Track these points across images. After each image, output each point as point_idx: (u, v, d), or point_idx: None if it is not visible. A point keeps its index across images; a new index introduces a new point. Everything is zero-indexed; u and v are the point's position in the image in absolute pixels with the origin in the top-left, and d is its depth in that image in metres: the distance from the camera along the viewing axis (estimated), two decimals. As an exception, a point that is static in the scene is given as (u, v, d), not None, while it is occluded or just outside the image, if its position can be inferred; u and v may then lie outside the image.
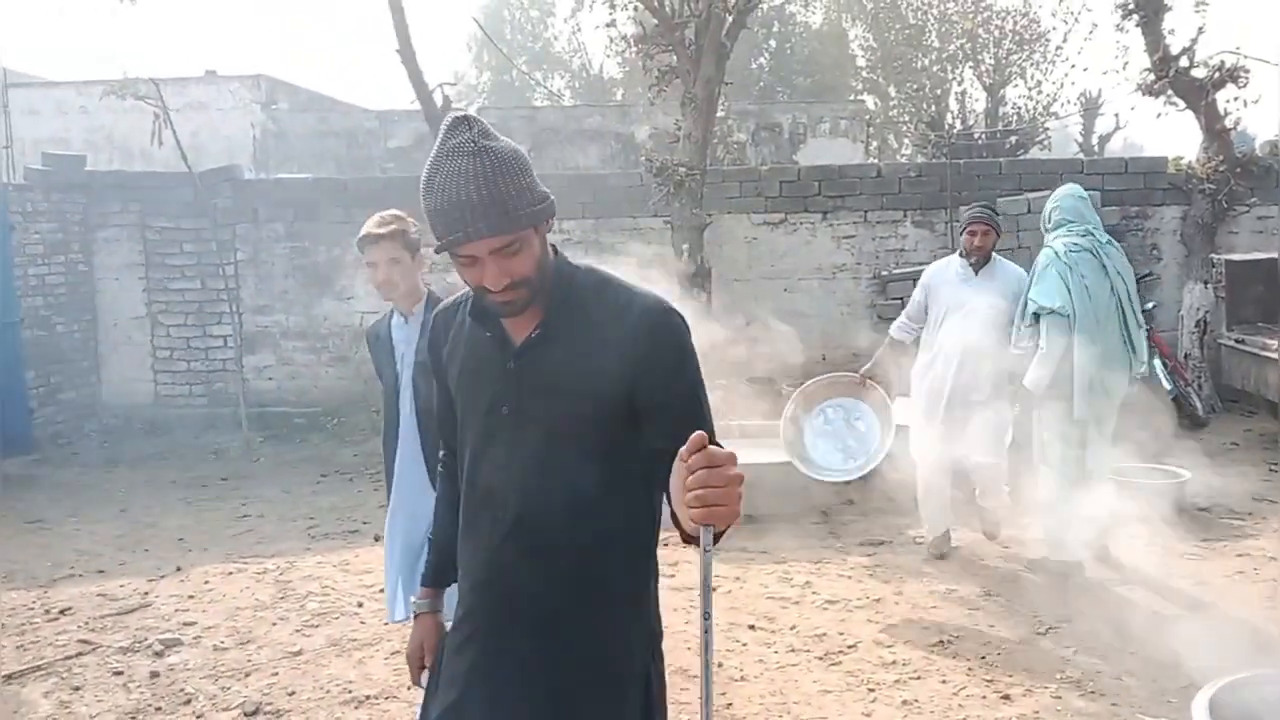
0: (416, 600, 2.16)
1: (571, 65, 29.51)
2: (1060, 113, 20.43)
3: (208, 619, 5.03)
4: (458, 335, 1.94)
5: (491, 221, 1.66)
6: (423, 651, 2.12)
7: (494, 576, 1.87)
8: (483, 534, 1.88)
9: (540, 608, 1.83)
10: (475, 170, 1.66)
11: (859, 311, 9.94)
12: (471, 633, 1.91)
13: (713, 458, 1.50)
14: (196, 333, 10.47)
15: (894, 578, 5.36)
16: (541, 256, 1.77)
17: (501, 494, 1.84)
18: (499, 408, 1.83)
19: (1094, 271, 4.97)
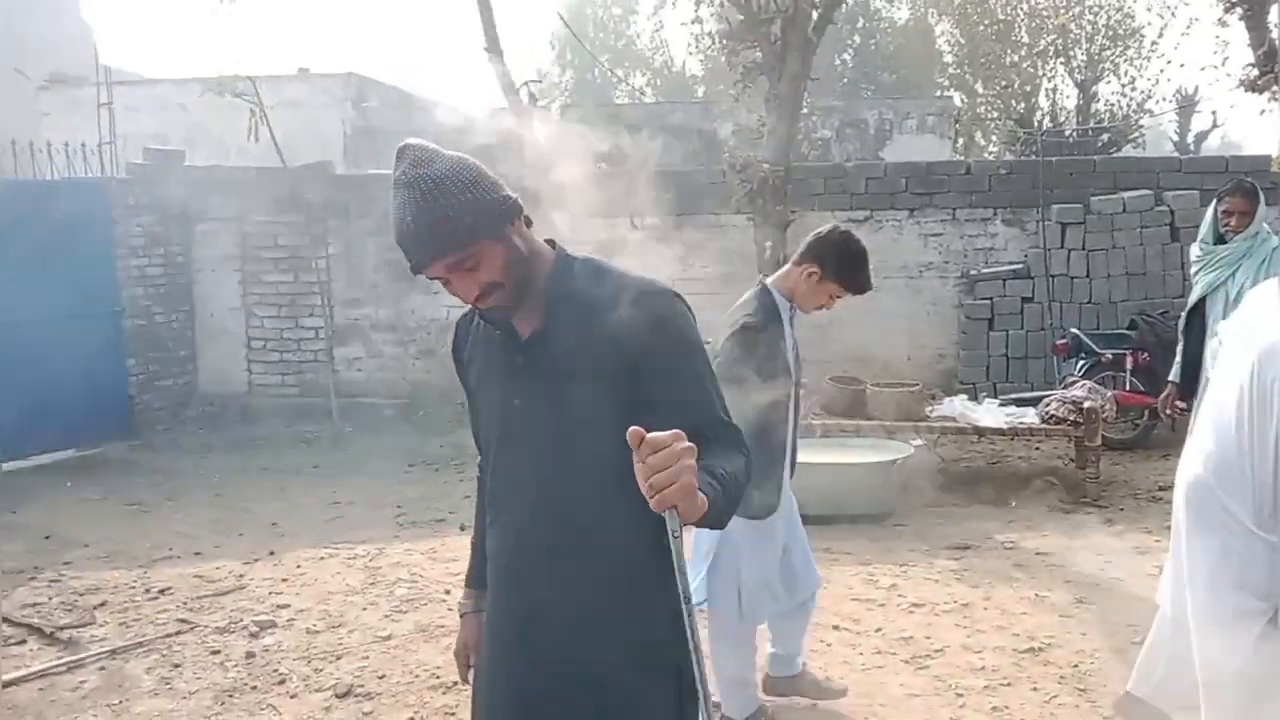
0: (460, 600, 2.23)
1: (653, 63, 29.55)
2: (1155, 110, 19.86)
3: (300, 602, 5.16)
4: (475, 338, 2.00)
5: (434, 246, 1.72)
6: (468, 650, 2.17)
7: (518, 567, 1.92)
8: (505, 527, 1.94)
9: (564, 595, 1.87)
10: (409, 200, 1.72)
11: (946, 311, 9.78)
12: (499, 624, 1.97)
13: (653, 443, 1.50)
14: (289, 324, 10.73)
15: (982, 582, 5.26)
16: (510, 259, 1.79)
17: (520, 486, 1.89)
18: (511, 402, 1.88)
19: None
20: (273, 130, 9.91)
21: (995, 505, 6.64)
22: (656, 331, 1.81)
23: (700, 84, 26.74)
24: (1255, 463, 2.03)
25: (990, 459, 8.01)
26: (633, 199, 11.03)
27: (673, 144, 15.61)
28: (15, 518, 6.97)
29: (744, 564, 3.58)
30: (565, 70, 29.06)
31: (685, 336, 1.85)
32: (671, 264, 9.48)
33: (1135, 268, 9.38)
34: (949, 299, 9.82)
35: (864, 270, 3.53)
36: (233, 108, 10.97)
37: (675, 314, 1.84)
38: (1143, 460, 7.79)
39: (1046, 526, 6.17)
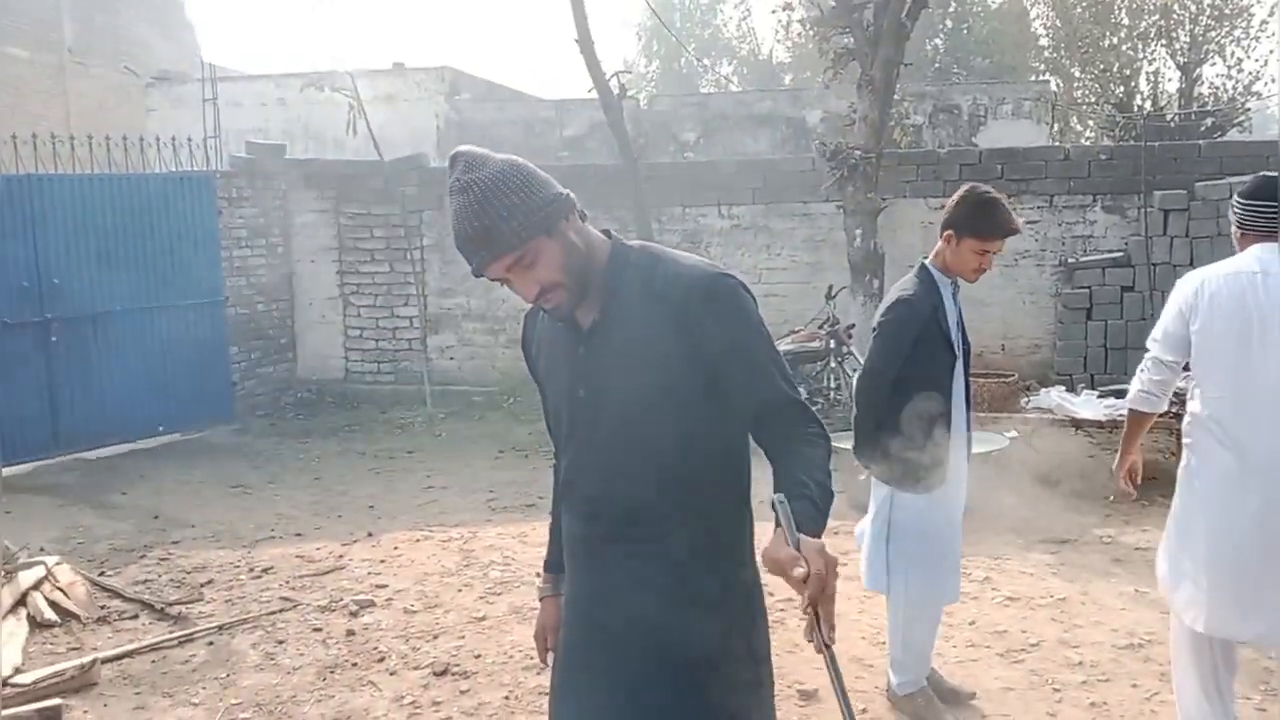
0: (539, 585, 2.27)
1: (740, 51, 29.37)
2: (1263, 92, 19.04)
3: (398, 583, 5.30)
4: (541, 332, 2.06)
5: (489, 248, 1.77)
6: (546, 631, 2.22)
7: (588, 552, 1.97)
8: (576, 512, 1.99)
9: (630, 577, 1.90)
10: (463, 205, 1.78)
11: (1042, 300, 9.56)
12: (576, 606, 2.02)
13: (808, 583, 1.50)
14: (385, 313, 10.99)
15: (1079, 577, 5.16)
16: (568, 255, 1.83)
17: (589, 474, 1.94)
18: (576, 391, 1.92)
19: None
20: (369, 124, 10.15)
21: (1092, 499, 6.48)
22: (717, 315, 1.83)
23: (787, 71, 26.50)
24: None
25: (1088, 452, 7.80)
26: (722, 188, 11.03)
27: (760, 132, 15.52)
28: (125, 498, 7.28)
29: (927, 540, 3.60)
30: (652, 61, 29.06)
31: (746, 318, 1.86)
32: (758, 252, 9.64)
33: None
34: (1045, 288, 9.60)
35: (993, 215, 3.47)
36: (330, 102, 11.27)
37: (734, 297, 1.85)
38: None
39: (1146, 521, 6.00)
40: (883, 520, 3.66)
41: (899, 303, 3.55)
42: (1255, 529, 3.06)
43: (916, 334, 3.48)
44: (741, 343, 1.85)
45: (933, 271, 3.59)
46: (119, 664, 4.39)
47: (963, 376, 3.65)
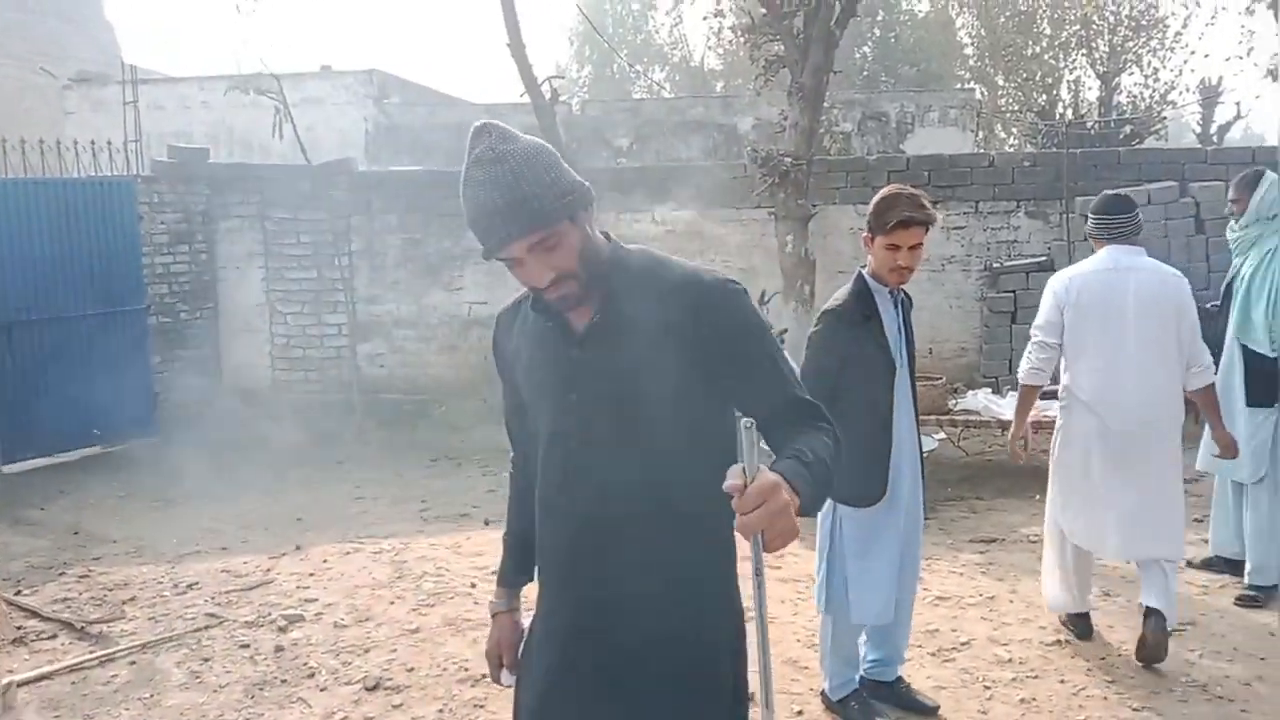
0: (493, 600, 2.18)
1: (672, 58, 29.51)
2: (1178, 101, 19.66)
3: (328, 596, 5.20)
4: (521, 331, 1.97)
5: (518, 223, 1.70)
6: (500, 650, 2.14)
7: (575, 562, 1.88)
8: (561, 523, 1.89)
9: (622, 591, 1.84)
10: (496, 176, 1.70)
11: (968, 305, 9.74)
12: (557, 623, 1.93)
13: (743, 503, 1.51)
14: (312, 321, 10.79)
15: (1008, 575, 5.25)
16: (584, 246, 1.78)
17: (578, 481, 1.85)
18: (567, 397, 1.85)
19: None
20: (296, 127, 9.97)
21: (1019, 498, 6.61)
22: (723, 321, 1.80)
23: (719, 79, 26.68)
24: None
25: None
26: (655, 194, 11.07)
27: (692, 138, 15.60)
28: (43, 514, 7.06)
29: (869, 555, 3.59)
30: (584, 66, 29.07)
31: (752, 322, 1.85)
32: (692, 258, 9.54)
33: (1160, 259, 9.29)
34: (971, 292, 9.78)
35: (890, 208, 3.48)
36: (256, 105, 11.06)
37: (739, 301, 1.84)
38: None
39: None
40: (824, 534, 3.67)
41: (825, 314, 3.57)
42: (1111, 470, 4.08)
43: (847, 345, 3.48)
44: (752, 348, 1.83)
45: (868, 280, 3.59)
46: (36, 687, 4.24)
47: (907, 385, 3.65)
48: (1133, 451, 4.07)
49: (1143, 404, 4.06)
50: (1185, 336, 4.07)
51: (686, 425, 1.81)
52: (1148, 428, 4.07)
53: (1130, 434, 4.06)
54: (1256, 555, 4.76)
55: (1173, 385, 4.11)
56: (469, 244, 10.60)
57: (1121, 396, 4.06)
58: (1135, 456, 4.07)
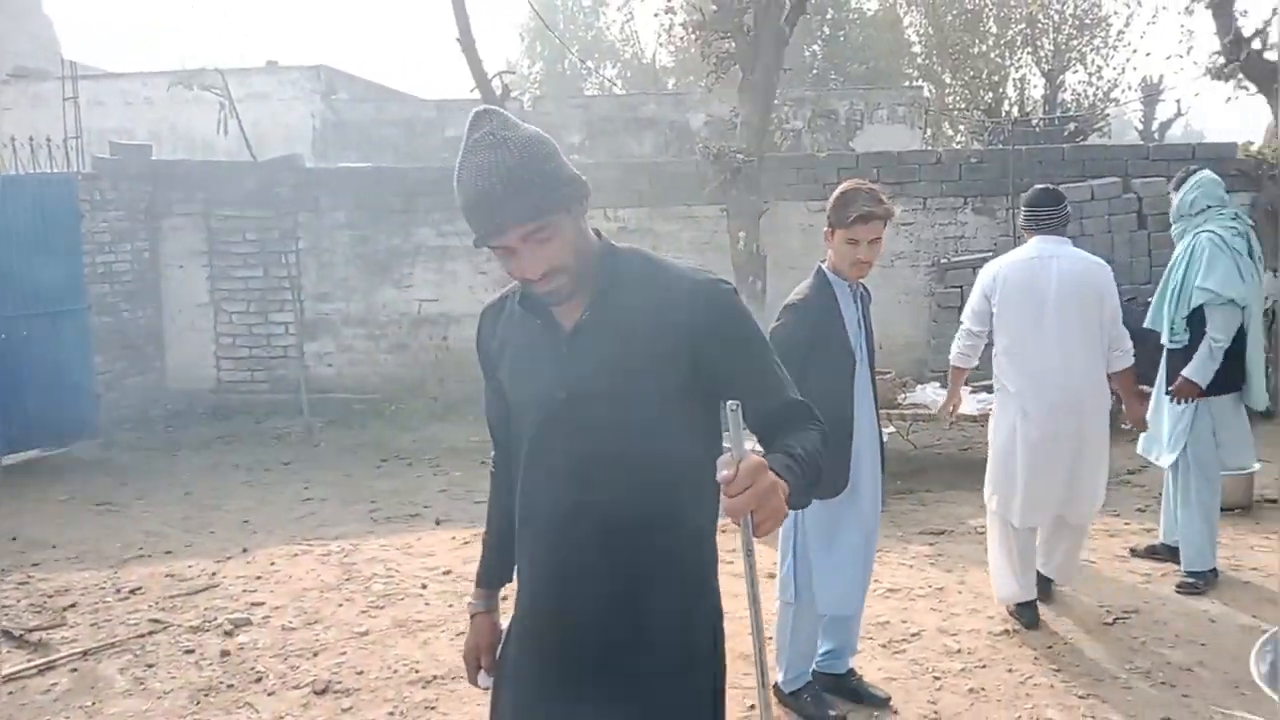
0: (471, 600, 2.15)
1: (623, 55, 29.48)
2: (1121, 99, 20.02)
3: (275, 599, 5.12)
4: (507, 327, 1.93)
5: (516, 211, 1.66)
6: (479, 652, 2.10)
7: (558, 563, 1.85)
8: (544, 522, 1.86)
9: (607, 591, 1.81)
10: (496, 162, 1.66)
11: (917, 300, 9.84)
12: (538, 622, 1.90)
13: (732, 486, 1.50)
14: (259, 320, 10.65)
15: (956, 567, 5.31)
16: (578, 240, 1.76)
17: (562, 479, 1.82)
18: (555, 394, 1.81)
19: (1248, 258, 4.72)
20: (241, 124, 9.82)
21: (968, 491, 6.68)
22: (718, 323, 1.79)
23: (671, 75, 26.70)
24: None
25: (962, 445, 8.07)
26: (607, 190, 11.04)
27: (644, 135, 15.60)
28: (-19, 519, 6.87)
29: (832, 548, 3.62)
30: (535, 62, 28.95)
31: (744, 324, 1.83)
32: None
33: (1104, 254, 9.37)
34: (920, 288, 9.89)
35: (849, 203, 3.53)
36: (200, 101, 10.87)
37: (733, 304, 1.82)
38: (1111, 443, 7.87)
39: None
40: (787, 526, 3.68)
41: (786, 308, 3.59)
42: (1040, 449, 4.34)
43: (808, 338, 3.50)
44: (747, 350, 1.82)
45: (828, 274, 3.64)
46: (-29, 696, 4.13)
47: (867, 378, 3.69)
48: (1059, 430, 4.33)
49: (1066, 385, 4.31)
50: (1107, 321, 4.35)
51: (674, 426, 1.79)
52: (1072, 408, 4.33)
53: (1056, 414, 4.32)
54: (1184, 540, 4.88)
55: (1096, 367, 4.38)
56: (419, 240, 10.53)
57: (1046, 379, 4.32)
58: (1062, 435, 4.33)
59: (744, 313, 1.84)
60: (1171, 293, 4.82)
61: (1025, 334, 4.37)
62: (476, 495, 7.14)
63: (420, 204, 10.46)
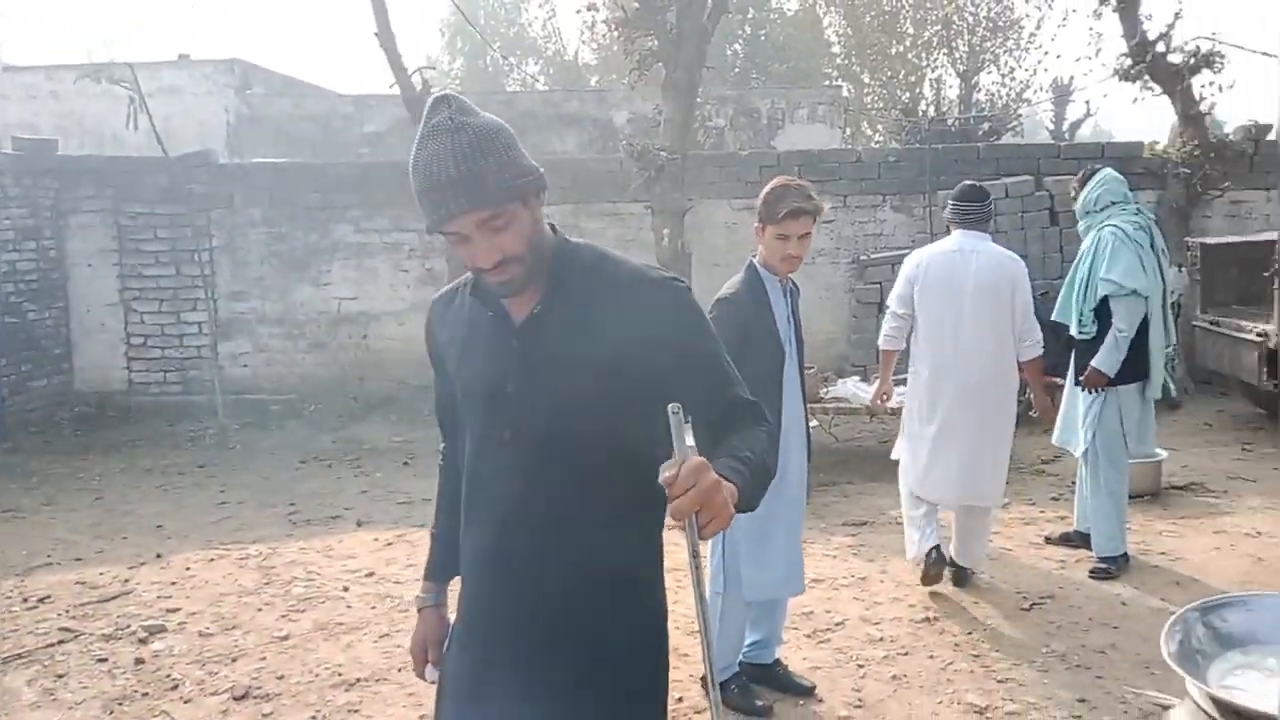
0: (419, 594, 2.13)
1: (546, 51, 29.38)
2: (1032, 99, 20.57)
3: (191, 605, 4.98)
4: (456, 319, 1.91)
5: (472, 196, 1.64)
6: (426, 645, 2.09)
7: (500, 559, 1.82)
8: (488, 516, 1.83)
9: (549, 589, 1.79)
10: (453, 147, 1.64)
11: (837, 296, 9.99)
12: (479, 620, 1.88)
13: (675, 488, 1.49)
14: (171, 319, 10.37)
15: (878, 556, 5.39)
16: (533, 233, 1.74)
17: (507, 474, 1.80)
18: (503, 387, 1.79)
19: (1151, 251, 4.90)
20: (152, 118, 9.54)
21: (889, 483, 6.78)
22: (669, 321, 1.78)
23: (594, 73, 26.69)
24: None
25: (882, 438, 8.20)
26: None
27: (567, 132, 15.56)
28: (-123, 528, 6.56)
29: (761, 539, 3.64)
30: (455, 58, 28.69)
31: (696, 321, 1.83)
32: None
33: (1017, 250, 9.63)
34: (840, 284, 10.03)
35: (780, 199, 3.58)
36: (109, 95, 10.56)
37: (686, 302, 1.82)
38: (1025, 435, 8.06)
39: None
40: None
41: (718, 302, 3.60)
42: (950, 429, 4.63)
43: (740, 332, 3.52)
44: (698, 348, 1.81)
45: (759, 269, 3.68)
46: None
47: (796, 372, 3.75)
48: (969, 413, 4.62)
49: (978, 371, 4.61)
50: (1019, 313, 4.64)
51: (622, 422, 1.77)
52: (980, 393, 4.62)
53: (964, 398, 4.62)
54: (1095, 527, 5.04)
55: (1006, 356, 4.68)
56: (337, 238, 10.35)
57: (958, 364, 4.62)
58: (970, 418, 4.62)
59: (697, 311, 1.84)
60: (1078, 285, 4.98)
61: (943, 321, 4.64)
62: (399, 496, 7.04)
63: (338, 200, 10.28)
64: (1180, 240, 9.20)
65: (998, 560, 5.28)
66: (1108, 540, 5.00)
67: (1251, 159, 9.84)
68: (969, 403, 4.62)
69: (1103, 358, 4.85)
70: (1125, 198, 5.04)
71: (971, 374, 4.60)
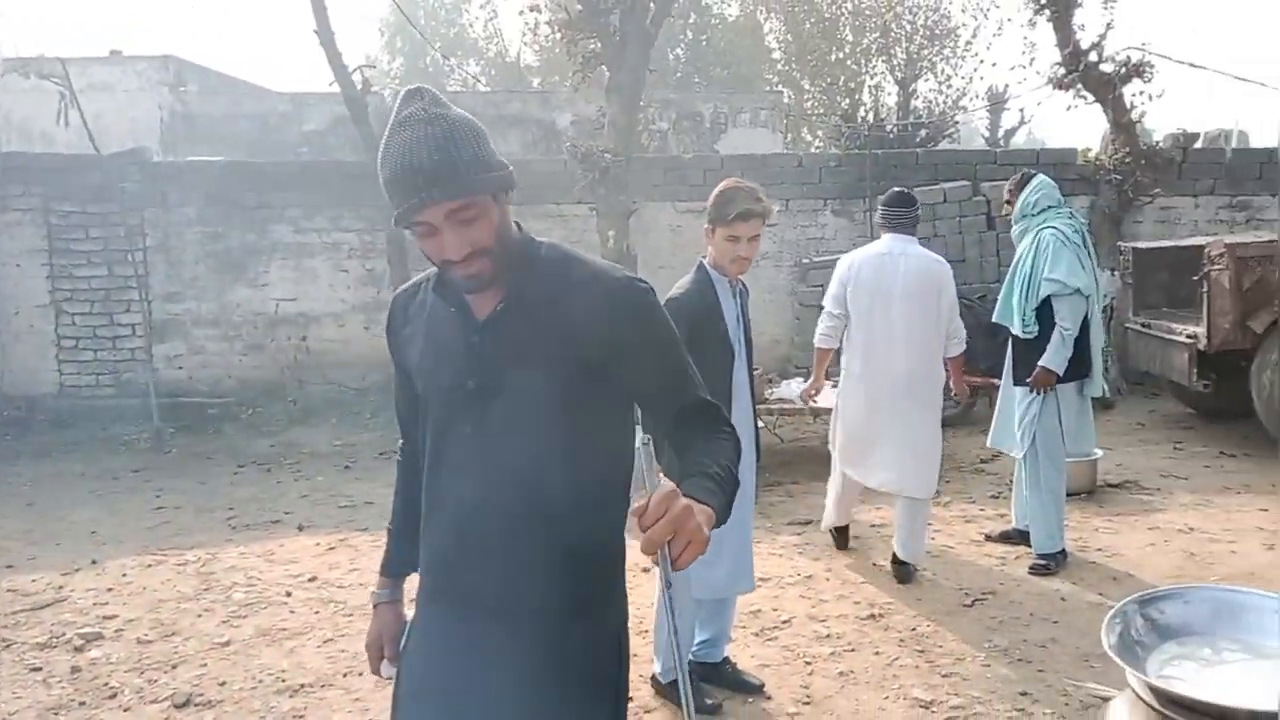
0: (375, 590, 2.11)
1: (487, 52, 29.22)
2: (969, 107, 20.92)
3: (129, 612, 4.87)
4: (418, 315, 1.89)
5: (444, 185, 1.63)
6: (382, 641, 2.06)
7: (461, 555, 1.81)
8: (448, 515, 1.82)
9: (510, 587, 1.78)
10: (427, 136, 1.63)
11: (780, 298, 10.08)
12: (438, 619, 1.86)
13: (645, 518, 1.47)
14: (103, 321, 10.12)
15: (823, 555, 5.45)
16: (502, 228, 1.73)
17: (468, 472, 1.78)
18: (464, 384, 1.78)
19: (1085, 253, 5.04)
20: (83, 115, 9.30)
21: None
22: (635, 323, 1.77)
23: (536, 74, 26.60)
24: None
25: (825, 439, 8.27)
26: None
27: (510, 133, 15.49)
28: None
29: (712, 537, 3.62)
30: (395, 57, 28.41)
31: (659, 323, 1.82)
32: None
33: (955, 254, 9.87)
34: (784, 286, 10.12)
35: (730, 201, 3.62)
36: (38, 91, 10.28)
37: (649, 303, 1.81)
38: (965, 436, 8.23)
39: (879, 500, 6.42)
40: None
41: (669, 302, 3.60)
42: (880, 422, 4.94)
43: (689, 332, 3.54)
44: (661, 350, 1.80)
45: (708, 270, 3.71)
46: None
47: (745, 372, 3.77)
48: (898, 406, 4.90)
49: (906, 367, 4.87)
50: (944, 313, 4.91)
51: (584, 422, 1.76)
52: (911, 387, 4.89)
53: (896, 392, 4.89)
54: (1034, 525, 5.14)
55: (933, 352, 4.95)
56: (275, 238, 10.19)
57: (889, 361, 4.89)
58: (900, 410, 4.90)
59: (660, 312, 1.83)
60: (1020, 286, 5.08)
61: (873, 320, 4.92)
62: (341, 501, 6.96)
63: (276, 200, 10.12)
64: (1113, 245, 9.45)
65: (940, 558, 5.37)
66: (1047, 538, 5.11)
67: (1180, 166, 10.14)
68: (898, 396, 4.88)
69: (1051, 356, 4.97)
70: (1060, 202, 5.18)
71: (900, 369, 4.85)
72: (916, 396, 4.91)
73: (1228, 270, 6.94)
